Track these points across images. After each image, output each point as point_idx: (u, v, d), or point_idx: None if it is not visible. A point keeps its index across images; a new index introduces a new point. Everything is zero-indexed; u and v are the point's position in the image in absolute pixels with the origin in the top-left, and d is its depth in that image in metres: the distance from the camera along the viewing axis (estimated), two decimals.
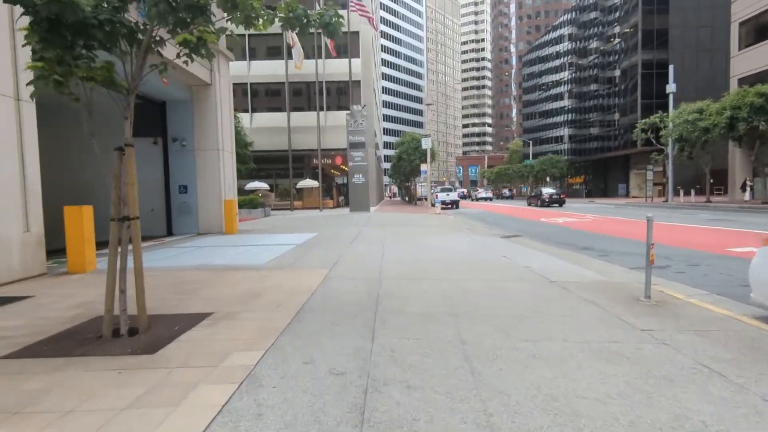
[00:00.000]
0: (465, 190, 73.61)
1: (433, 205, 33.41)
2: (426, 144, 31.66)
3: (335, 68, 35.30)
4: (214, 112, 14.43)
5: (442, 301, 4.93)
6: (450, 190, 38.39)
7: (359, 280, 6.13)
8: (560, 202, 36.10)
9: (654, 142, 35.49)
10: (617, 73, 62.17)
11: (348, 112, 26.62)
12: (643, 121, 35.99)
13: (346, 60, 33.88)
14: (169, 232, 14.58)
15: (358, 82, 35.66)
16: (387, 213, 26.05)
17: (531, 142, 79.03)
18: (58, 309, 4.90)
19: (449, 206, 35.10)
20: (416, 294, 5.30)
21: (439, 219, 20.49)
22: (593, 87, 69.74)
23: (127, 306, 3.91)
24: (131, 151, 4.04)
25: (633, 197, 51.11)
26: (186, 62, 3.96)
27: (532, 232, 15.63)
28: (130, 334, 3.90)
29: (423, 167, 32.98)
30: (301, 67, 29.31)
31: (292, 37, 28.92)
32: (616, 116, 61.28)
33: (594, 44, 71.71)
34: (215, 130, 14.45)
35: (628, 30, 54.45)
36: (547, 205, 35.77)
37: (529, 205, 39.35)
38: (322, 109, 34.68)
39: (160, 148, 14.47)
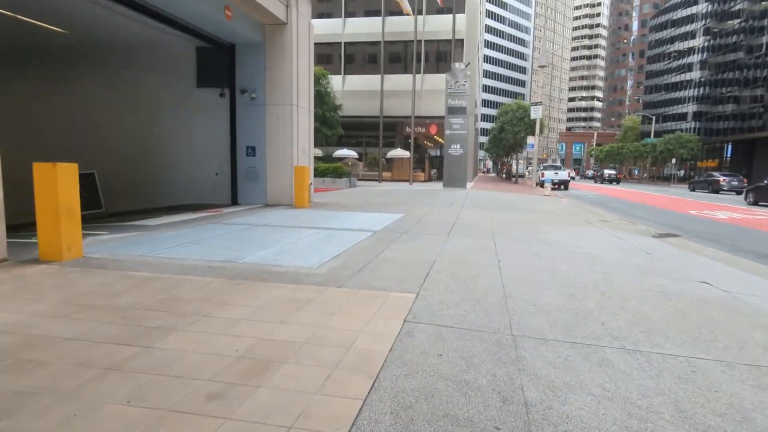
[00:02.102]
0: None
1: (539, 184, 29.13)
2: (535, 113, 27.33)
3: (437, 25, 31.60)
4: (289, 59, 11.90)
5: None
6: (559, 168, 33.52)
7: (470, 335, 3.12)
8: (617, 181, 50.53)
9: None
10: (766, 39, 51.25)
11: (448, 72, 23.11)
12: None
13: (449, 17, 30.10)
14: (234, 201, 12.52)
15: (461, 41, 31.69)
16: (486, 191, 22.50)
17: (654, 118, 68.90)
18: None
19: (557, 186, 30.54)
20: (621, 419, 2.19)
21: (551, 202, 16.70)
22: (736, 56, 58.53)
23: None
24: None
25: None
26: None
27: (689, 230, 11.54)
28: None
29: (530, 140, 28.67)
30: (409, 12, 25.92)
31: None
32: (759, 91, 50.91)
33: (740, 5, 59.91)
34: (290, 80, 11.95)
35: None
36: (609, 183, 49.47)
37: (595, 182, 53.34)
38: (419, 72, 31.31)
39: (227, 101, 12.30)
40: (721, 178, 32.25)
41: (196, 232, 7.29)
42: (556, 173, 31.22)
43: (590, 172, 69.28)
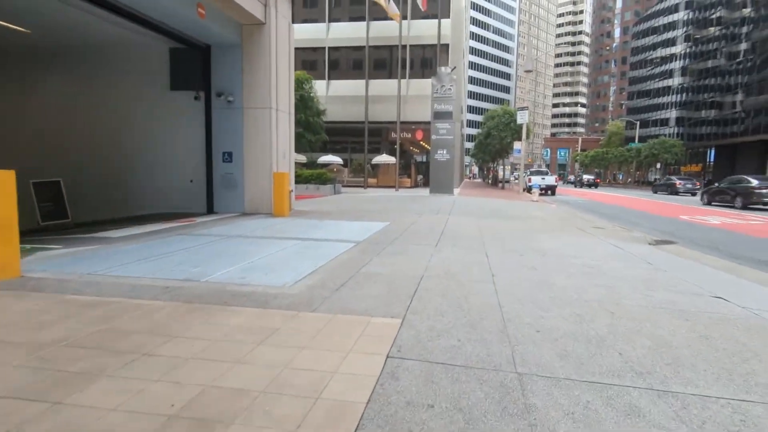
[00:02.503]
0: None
1: (527, 190, 28.88)
2: (522, 118, 27.14)
3: (422, 30, 31.25)
4: (267, 61, 11.33)
5: None
6: (545, 173, 33.32)
7: (467, 375, 2.57)
8: (595, 185, 54.26)
9: None
10: (744, 46, 52.35)
11: (434, 77, 22.71)
12: None
13: (434, 21, 29.78)
14: (210, 210, 11.87)
15: (447, 46, 31.38)
16: (474, 197, 22.09)
17: (637, 123, 69.54)
18: None
19: (544, 192, 30.29)
20: None
21: (540, 208, 16.33)
22: (714, 63, 59.59)
23: None
24: None
25: None
26: None
27: (683, 236, 11.18)
28: None
29: (517, 145, 28.43)
30: (397, 15, 25.73)
31: None
32: (739, 96, 51.89)
33: (718, 13, 61.13)
34: (268, 83, 11.37)
35: None
36: (588, 187, 53.19)
37: (575, 186, 56.67)
38: (404, 77, 30.90)
39: (202, 104, 11.67)
40: (678, 182, 37.82)
41: (161, 245, 6.65)
42: (543, 179, 31.02)
43: (572, 177, 70.36)
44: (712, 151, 57.16)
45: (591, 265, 6.00)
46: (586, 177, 57.43)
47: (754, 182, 20.50)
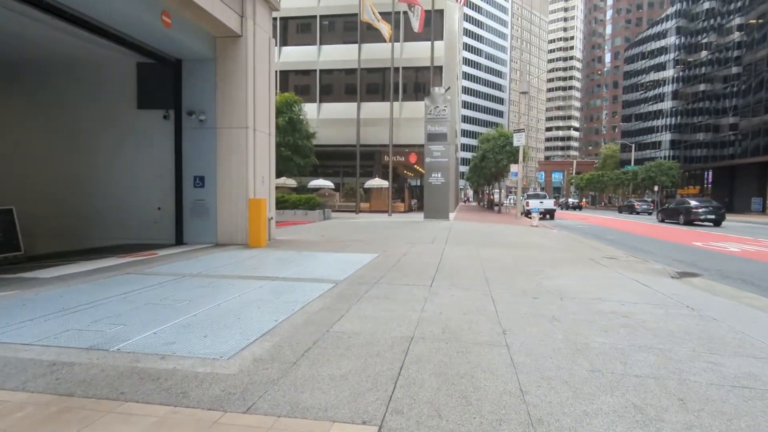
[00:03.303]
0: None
1: (526, 215, 27.83)
2: (518, 141, 26.27)
3: (415, 52, 30.63)
4: (244, 76, 10.31)
5: None
6: (543, 196, 32.30)
7: None
8: (579, 207, 59.81)
9: None
10: (735, 70, 52.56)
11: (427, 97, 21.83)
12: None
13: (427, 43, 29.17)
14: (180, 240, 10.65)
15: (440, 68, 30.73)
16: (470, 222, 20.94)
17: (633, 146, 69.32)
18: None
19: (543, 216, 29.22)
20: None
21: (543, 234, 15.20)
22: (707, 86, 59.87)
23: None
24: None
25: None
26: None
27: (705, 266, 10.03)
28: None
29: (513, 168, 27.55)
30: (390, 39, 25.42)
31: (374, 12, 24.88)
32: (731, 119, 51.86)
33: (707, 39, 61.69)
34: (245, 100, 10.32)
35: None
36: (573, 209, 58.43)
37: (562, 209, 56.88)
38: (396, 99, 30.11)
39: (171, 123, 10.58)
40: (636, 203, 44.61)
41: (94, 289, 5.42)
42: (542, 202, 30.00)
43: (563, 200, 70.69)
44: (710, 173, 56.67)
45: (623, 312, 4.82)
46: (570, 200, 65.74)
47: (693, 203, 25.22)
